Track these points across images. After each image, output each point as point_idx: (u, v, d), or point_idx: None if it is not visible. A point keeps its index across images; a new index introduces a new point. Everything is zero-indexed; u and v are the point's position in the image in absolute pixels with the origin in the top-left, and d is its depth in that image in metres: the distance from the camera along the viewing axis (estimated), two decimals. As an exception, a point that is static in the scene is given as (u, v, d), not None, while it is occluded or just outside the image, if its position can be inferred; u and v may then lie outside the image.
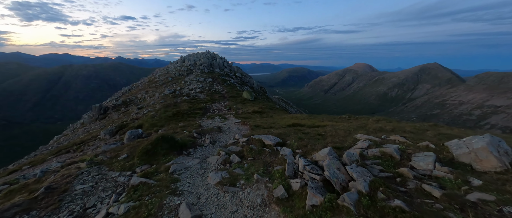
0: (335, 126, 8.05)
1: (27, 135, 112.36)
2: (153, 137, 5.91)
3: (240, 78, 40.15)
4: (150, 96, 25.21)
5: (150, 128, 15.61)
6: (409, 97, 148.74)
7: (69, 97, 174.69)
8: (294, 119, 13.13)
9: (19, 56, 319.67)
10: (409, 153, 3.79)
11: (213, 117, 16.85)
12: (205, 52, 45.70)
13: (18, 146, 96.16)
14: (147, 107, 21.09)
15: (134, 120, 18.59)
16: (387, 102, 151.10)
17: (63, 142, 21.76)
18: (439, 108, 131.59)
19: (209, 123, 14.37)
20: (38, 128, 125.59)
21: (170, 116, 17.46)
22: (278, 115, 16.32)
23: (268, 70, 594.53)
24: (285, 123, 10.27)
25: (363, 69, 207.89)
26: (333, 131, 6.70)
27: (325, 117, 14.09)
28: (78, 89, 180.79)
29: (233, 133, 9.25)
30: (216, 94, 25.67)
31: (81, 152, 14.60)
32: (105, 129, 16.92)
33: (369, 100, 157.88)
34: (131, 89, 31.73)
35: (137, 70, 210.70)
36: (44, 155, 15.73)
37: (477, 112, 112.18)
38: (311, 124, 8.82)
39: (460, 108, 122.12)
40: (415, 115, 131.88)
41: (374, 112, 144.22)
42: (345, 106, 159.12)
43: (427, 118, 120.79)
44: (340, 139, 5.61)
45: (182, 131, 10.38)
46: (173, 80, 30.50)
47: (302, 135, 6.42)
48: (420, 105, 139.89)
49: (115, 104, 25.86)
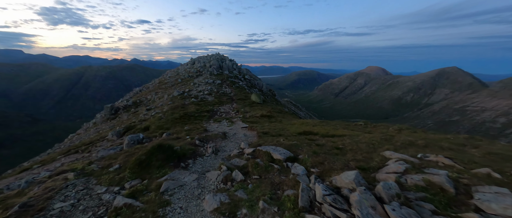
0: (353, 137, 7.02)
1: (50, 131, 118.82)
2: (149, 146, 5.27)
3: (249, 81, 39.56)
4: (160, 97, 25.17)
5: (156, 131, 15.26)
6: (425, 102, 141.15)
7: (88, 96, 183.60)
8: (305, 125, 12.14)
9: (44, 58, 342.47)
10: (466, 185, 2.79)
11: (219, 120, 16.23)
12: (215, 54, 45.68)
13: (41, 142, 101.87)
14: (156, 109, 20.94)
15: (142, 122, 18.42)
16: (402, 107, 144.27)
17: (75, 141, 22.13)
18: (459, 114, 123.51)
19: (215, 127, 13.72)
20: (59, 125, 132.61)
21: (176, 118, 17.08)
22: (288, 120, 15.37)
23: (278, 73, 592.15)
24: (295, 130, 9.34)
25: (376, 73, 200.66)
26: (353, 145, 5.70)
27: (339, 124, 12.96)
28: (96, 89, 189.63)
29: (238, 140, 8.47)
30: (224, 97, 25.16)
31: (88, 153, 14.49)
32: (113, 130, 16.85)
33: (382, 104, 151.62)
34: (142, 90, 32.10)
35: (150, 72, 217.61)
36: (55, 155, 15.83)
37: (502, 119, 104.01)
38: (325, 132, 7.84)
39: (483, 115, 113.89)
40: (432, 122, 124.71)
41: (387, 117, 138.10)
42: (356, 110, 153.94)
43: (445, 125, 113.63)
44: (364, 156, 4.62)
45: (185, 136, 9.77)
46: (183, 81, 30.46)
47: (317, 148, 5.49)
48: (438, 111, 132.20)
49: (125, 104, 26.10)
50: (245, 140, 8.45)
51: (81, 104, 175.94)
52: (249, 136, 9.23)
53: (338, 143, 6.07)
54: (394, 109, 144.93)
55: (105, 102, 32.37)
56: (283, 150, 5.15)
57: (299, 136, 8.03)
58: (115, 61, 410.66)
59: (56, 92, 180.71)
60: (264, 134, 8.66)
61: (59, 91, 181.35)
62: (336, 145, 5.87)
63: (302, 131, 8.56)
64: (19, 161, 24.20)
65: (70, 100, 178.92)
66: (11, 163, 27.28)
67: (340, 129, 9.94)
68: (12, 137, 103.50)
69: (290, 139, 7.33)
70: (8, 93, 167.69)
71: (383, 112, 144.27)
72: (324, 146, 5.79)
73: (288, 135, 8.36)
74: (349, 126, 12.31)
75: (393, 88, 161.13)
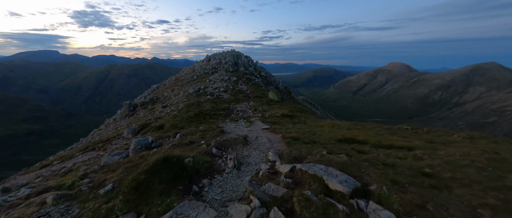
0: (425, 149, 5.03)
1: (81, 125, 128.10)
2: (152, 160, 3.86)
3: (265, 78, 37.81)
4: (175, 94, 24.54)
5: (170, 130, 14.30)
6: (456, 102, 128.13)
7: (113, 93, 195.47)
8: (338, 128, 10.17)
9: (76, 57, 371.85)
10: None
11: (237, 119, 14.80)
12: (230, 51, 44.50)
13: (74, 134, 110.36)
14: (171, 106, 20.19)
15: (157, 119, 17.74)
16: (428, 106, 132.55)
17: (96, 136, 22.35)
18: (497, 115, 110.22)
19: (232, 128, 12.30)
20: (89, 119, 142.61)
21: (191, 116, 16.03)
22: (313, 121, 13.43)
23: (292, 70, 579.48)
24: (331, 136, 7.49)
25: (398, 69, 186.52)
26: (447, 167, 3.74)
27: (378, 128, 10.76)
28: (120, 86, 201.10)
29: (263, 147, 6.87)
30: (240, 94, 23.76)
31: (104, 151, 13.93)
32: (129, 128, 16.30)
33: (406, 103, 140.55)
34: (159, 87, 31.97)
35: (169, 69, 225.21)
36: (74, 151, 15.62)
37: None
38: (375, 141, 5.94)
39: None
40: (464, 123, 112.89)
41: (411, 117, 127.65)
42: (375, 108, 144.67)
43: (480, 127, 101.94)
44: (495, 196, 2.67)
45: (200, 139, 8.41)
46: (198, 78, 29.65)
47: (391, 172, 3.64)
48: (471, 111, 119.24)
49: (143, 101, 25.93)
50: (270, 147, 6.83)
51: (107, 100, 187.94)
52: (274, 142, 7.59)
53: (416, 163, 4.15)
54: (419, 108, 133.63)
55: (128, 98, 32.89)
56: (339, 172, 3.43)
57: (341, 145, 6.20)
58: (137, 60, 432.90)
59: (86, 89, 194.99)
60: (294, 140, 6.95)
61: (89, 88, 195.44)
62: (417, 166, 3.97)
63: (342, 138, 6.70)
64: (57, 151, 25.45)
65: (98, 96, 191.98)
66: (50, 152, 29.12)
67: (387, 135, 7.87)
68: (51, 129, 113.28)
69: (332, 149, 5.53)
70: (46, 89, 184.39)
71: (406, 111, 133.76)
72: (398, 168, 3.93)
73: (325, 143, 6.56)
74: (391, 129, 10.09)
75: (419, 86, 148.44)
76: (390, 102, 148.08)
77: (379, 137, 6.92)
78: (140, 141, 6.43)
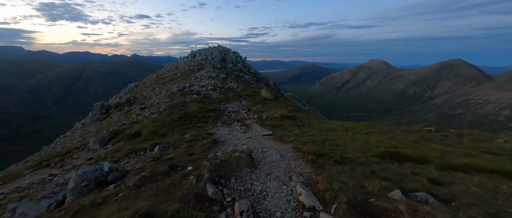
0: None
1: (53, 128, 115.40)
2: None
3: (254, 75, 35.62)
4: (156, 94, 21.38)
5: (149, 138, 11.60)
6: (428, 96, 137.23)
7: (89, 93, 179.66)
8: (352, 132, 8.43)
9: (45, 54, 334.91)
10: None
11: (230, 123, 12.53)
12: (217, 47, 41.40)
13: (46, 138, 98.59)
14: (151, 108, 17.21)
15: (133, 124, 14.77)
16: (404, 100, 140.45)
17: (58, 146, 18.52)
18: (462, 107, 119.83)
19: (226, 134, 10.04)
20: (62, 122, 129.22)
21: (175, 120, 13.41)
22: (318, 123, 11.62)
23: (278, 67, 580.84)
24: (361, 147, 5.64)
25: (378, 66, 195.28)
26: None
27: (394, 128, 9.24)
28: (97, 85, 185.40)
29: (277, 169, 4.79)
30: (230, 92, 21.37)
31: (61, 167, 10.90)
32: (96, 136, 13.20)
33: (385, 98, 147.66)
34: (138, 86, 28.22)
35: (150, 67, 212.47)
36: (21, 168, 12.22)
37: (505, 112, 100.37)
38: (439, 161, 4.18)
39: (486, 107, 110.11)
40: (435, 115, 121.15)
41: (389, 110, 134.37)
42: (358, 104, 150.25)
43: (448, 119, 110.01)
44: None
45: (187, 157, 6.06)
46: (183, 76, 26.52)
47: None
48: (441, 104, 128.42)
49: (118, 102, 22.34)
50: (288, 169, 4.76)
51: (83, 101, 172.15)
52: (289, 159, 5.53)
53: None
54: (396, 103, 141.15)
55: (106, 99, 28.57)
56: None
57: (391, 166, 4.33)
58: (115, 57, 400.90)
59: (58, 88, 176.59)
60: (318, 157, 4.95)
61: (61, 88, 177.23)
62: None
63: (384, 152, 4.86)
64: (24, 157, 21.15)
65: (72, 96, 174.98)
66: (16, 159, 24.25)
67: (423, 143, 6.22)
68: (17, 134, 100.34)
69: (390, 177, 3.62)
70: (10, 89, 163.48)
71: (385, 105, 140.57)
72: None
73: (364, 161, 4.66)
74: (412, 131, 8.59)
75: (396, 82, 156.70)
76: (371, 97, 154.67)
77: (427, 152, 5.18)
78: (87, 173, 3.96)
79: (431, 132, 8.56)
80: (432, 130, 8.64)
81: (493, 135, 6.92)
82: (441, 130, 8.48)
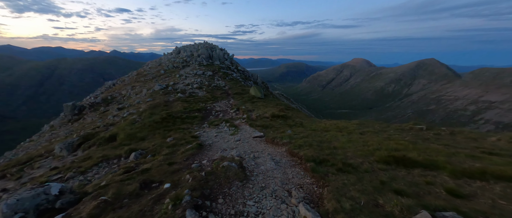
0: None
1: (22, 130, 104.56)
2: None
3: (242, 72, 34.71)
4: (137, 92, 19.64)
5: (125, 142, 10.32)
6: (406, 93, 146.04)
7: (64, 91, 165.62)
8: (346, 131, 8.05)
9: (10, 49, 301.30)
10: None
11: (217, 123, 11.63)
12: (203, 43, 39.66)
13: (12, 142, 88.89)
14: (130, 108, 15.65)
15: (109, 127, 13.24)
16: (384, 97, 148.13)
17: (20, 152, 16.22)
18: (435, 103, 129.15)
19: (213, 137, 9.17)
20: (33, 123, 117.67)
21: (157, 121, 12.19)
22: (309, 122, 11.18)
23: (266, 65, 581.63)
24: (361, 150, 5.18)
25: (360, 65, 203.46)
26: None
27: (387, 127, 9.06)
28: (73, 83, 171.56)
29: (273, 182, 4.11)
30: (218, 91, 20.32)
31: (18, 179, 9.29)
32: (63, 141, 11.55)
33: (366, 95, 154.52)
34: (116, 84, 25.93)
35: (132, 64, 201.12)
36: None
37: (471, 107, 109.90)
38: (451, 168, 3.78)
39: (455, 103, 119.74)
40: (412, 111, 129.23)
41: (371, 107, 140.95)
42: (342, 101, 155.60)
43: (423, 114, 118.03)
44: None
45: (165, 166, 5.15)
46: (166, 73, 24.80)
47: None
48: (417, 101, 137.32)
49: (93, 102, 20.21)
50: (286, 180, 4.10)
51: (56, 100, 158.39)
52: (284, 166, 4.89)
53: None
54: (377, 99, 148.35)
55: (84, 97, 25.86)
56: None
57: (399, 173, 3.85)
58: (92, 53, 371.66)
59: (27, 86, 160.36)
60: (318, 164, 4.37)
61: (30, 86, 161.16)
62: None
63: (388, 156, 4.41)
64: None
65: (43, 95, 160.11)
66: None
67: (420, 142, 5.94)
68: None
69: (402, 188, 3.11)
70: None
71: (367, 102, 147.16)
72: None
73: (368, 168, 4.14)
74: (405, 130, 8.43)
75: (377, 80, 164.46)
76: (354, 94, 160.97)
77: (431, 153, 4.83)
78: (24, 201, 2.94)
79: (423, 130, 8.44)
80: (423, 128, 8.53)
81: (483, 132, 6.88)
82: (431, 128, 8.38)
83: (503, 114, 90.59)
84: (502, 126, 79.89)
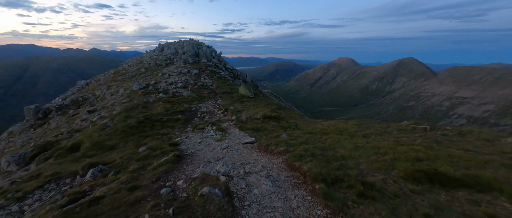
0: None
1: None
2: None
3: (231, 71, 33.17)
4: (112, 93, 17.47)
5: (90, 153, 8.56)
6: (388, 90, 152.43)
7: (38, 92, 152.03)
8: (347, 134, 7.11)
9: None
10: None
11: (202, 127, 10.22)
12: (189, 40, 37.44)
13: None
14: (102, 110, 13.64)
15: (74, 133, 11.25)
16: (369, 94, 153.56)
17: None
18: (414, 100, 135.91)
19: (196, 144, 7.80)
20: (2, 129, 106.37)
21: (132, 126, 10.49)
22: (307, 124, 10.15)
23: (255, 64, 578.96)
24: (375, 162, 4.17)
25: (346, 63, 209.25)
26: None
27: (387, 127, 8.29)
28: (48, 84, 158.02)
29: (272, 214, 2.89)
30: (204, 90, 18.74)
31: None
32: (13, 153, 9.49)
33: (352, 93, 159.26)
34: (91, 83, 23.24)
35: (114, 63, 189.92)
36: None
37: (446, 103, 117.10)
38: (497, 184, 2.85)
39: (433, 99, 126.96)
40: (394, 107, 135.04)
41: (357, 104, 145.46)
42: (330, 98, 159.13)
43: (404, 110, 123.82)
44: None
45: (128, 190, 3.76)
46: (147, 71, 22.63)
47: None
48: (398, 98, 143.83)
49: (60, 104, 17.69)
50: (287, 209, 2.94)
51: (28, 102, 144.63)
52: (282, 184, 3.75)
53: None
54: (362, 97, 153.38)
55: None
56: None
57: (435, 195, 2.82)
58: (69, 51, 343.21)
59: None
60: (330, 185, 3.25)
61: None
62: None
63: (418, 171, 3.41)
64: None
65: (14, 97, 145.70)
66: None
67: (435, 146, 5.09)
68: None
69: None
70: None
71: (353, 100, 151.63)
72: None
73: (399, 193, 3.08)
74: (407, 131, 7.70)
75: (361, 78, 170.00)
76: (340, 92, 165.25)
77: (459, 162, 3.92)
78: None
79: (427, 130, 7.73)
80: (427, 128, 7.83)
81: (493, 133, 6.25)
82: (436, 128, 7.69)
83: (474, 109, 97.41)
84: (472, 120, 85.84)
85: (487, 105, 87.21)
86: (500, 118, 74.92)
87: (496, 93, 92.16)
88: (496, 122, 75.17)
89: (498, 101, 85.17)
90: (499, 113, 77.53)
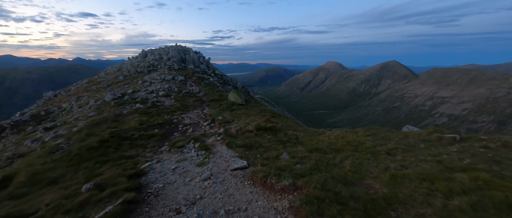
0: None
1: None
2: None
3: (220, 77, 31.25)
4: (81, 105, 14.87)
5: (22, 189, 6.17)
6: (374, 92, 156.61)
7: (16, 105, 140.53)
8: (364, 149, 5.41)
9: None
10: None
11: (181, 144, 8.12)
12: (175, 46, 35.22)
13: None
14: (61, 127, 11.15)
15: (16, 159, 8.75)
16: (356, 97, 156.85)
17: None
18: (399, 101, 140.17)
19: (169, 170, 5.73)
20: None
21: (91, 147, 8.19)
22: (310, 137, 8.35)
23: (246, 70, 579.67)
24: (454, 211, 2.27)
25: (334, 67, 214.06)
26: None
27: (402, 135, 6.70)
28: (27, 96, 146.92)
29: None
30: (189, 98, 16.61)
31: None
32: None
33: (341, 96, 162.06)
34: (59, 95, 20.31)
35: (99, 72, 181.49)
36: None
37: (429, 103, 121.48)
38: None
39: (416, 100, 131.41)
40: (381, 108, 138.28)
41: (346, 107, 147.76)
42: (320, 102, 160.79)
43: (390, 111, 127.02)
44: None
45: None
46: (126, 79, 20.14)
47: None
48: (384, 99, 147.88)
49: (17, 120, 14.79)
50: None
51: (7, 115, 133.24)
52: None
53: None
54: (350, 99, 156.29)
55: None
56: None
57: None
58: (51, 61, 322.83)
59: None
60: None
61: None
62: None
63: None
64: None
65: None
66: None
67: (497, 169, 3.42)
68: None
69: None
70: None
71: (342, 102, 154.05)
72: None
73: None
74: (432, 142, 6.13)
75: (349, 81, 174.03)
76: (330, 95, 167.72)
77: None
78: None
79: (457, 140, 6.19)
80: (457, 138, 6.28)
81: None
82: (467, 138, 6.16)
83: (453, 107, 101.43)
84: (453, 118, 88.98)
85: (465, 104, 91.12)
86: (477, 115, 78.14)
87: (472, 92, 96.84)
88: (474, 119, 78.24)
89: (475, 99, 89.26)
90: (476, 111, 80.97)
